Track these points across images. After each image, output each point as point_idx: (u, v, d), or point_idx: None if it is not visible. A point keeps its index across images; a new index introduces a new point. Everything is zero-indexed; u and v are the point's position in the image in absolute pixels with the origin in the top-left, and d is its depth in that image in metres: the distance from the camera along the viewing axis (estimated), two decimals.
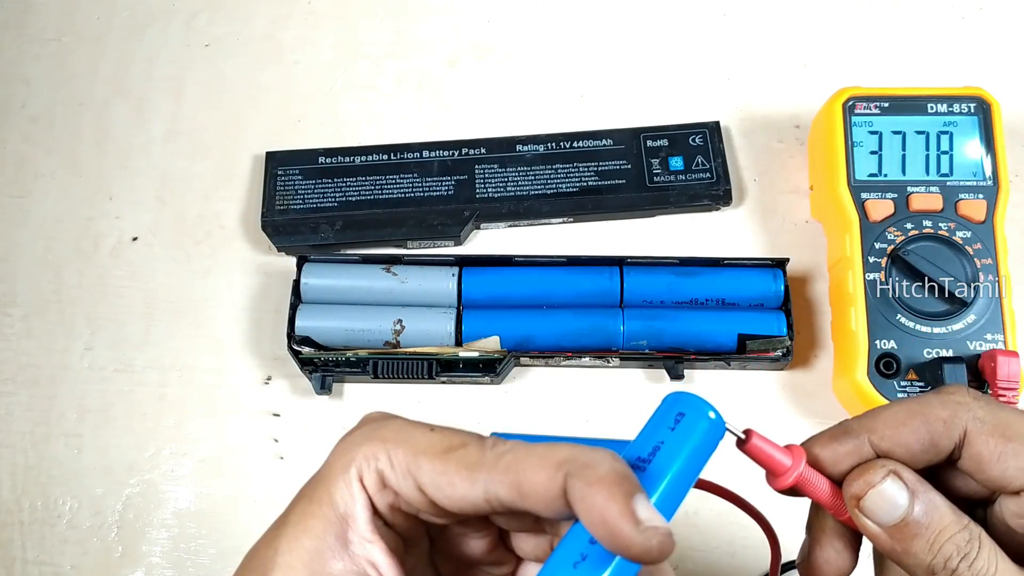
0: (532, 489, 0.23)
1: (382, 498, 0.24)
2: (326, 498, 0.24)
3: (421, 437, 0.24)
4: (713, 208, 0.50)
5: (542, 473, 0.22)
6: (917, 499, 0.25)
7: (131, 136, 0.53)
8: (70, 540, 0.45)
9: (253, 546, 0.25)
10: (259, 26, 0.56)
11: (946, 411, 0.26)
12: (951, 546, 0.24)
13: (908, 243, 0.44)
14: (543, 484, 0.22)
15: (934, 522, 0.25)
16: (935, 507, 0.25)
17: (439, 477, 0.24)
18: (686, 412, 0.25)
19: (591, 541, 0.22)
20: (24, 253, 0.51)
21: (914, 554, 0.25)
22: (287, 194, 0.50)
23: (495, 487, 0.23)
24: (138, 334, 0.49)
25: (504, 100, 0.54)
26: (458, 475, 0.23)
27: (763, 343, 0.45)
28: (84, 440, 0.47)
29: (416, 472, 0.24)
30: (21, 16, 0.57)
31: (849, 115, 0.46)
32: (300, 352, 0.45)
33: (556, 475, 0.22)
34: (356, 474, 0.24)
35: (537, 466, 0.23)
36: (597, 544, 0.22)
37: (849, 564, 0.28)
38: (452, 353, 0.45)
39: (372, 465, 0.24)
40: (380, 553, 0.24)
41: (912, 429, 0.26)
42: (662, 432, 0.24)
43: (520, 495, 0.23)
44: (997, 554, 0.25)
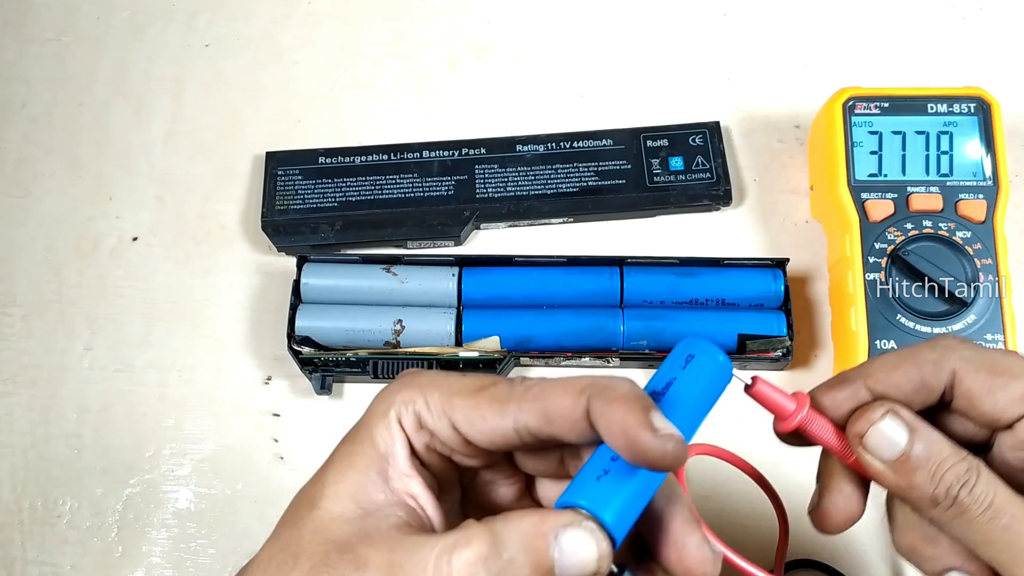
0: (558, 414, 0.25)
1: (419, 438, 0.26)
2: (367, 439, 0.26)
3: (454, 381, 0.27)
4: (713, 208, 0.50)
5: (567, 398, 0.25)
6: (916, 434, 0.26)
7: (131, 136, 0.53)
8: (70, 540, 0.45)
9: (300, 489, 0.27)
10: (259, 26, 0.56)
11: (934, 353, 0.27)
12: (951, 475, 0.26)
13: (908, 243, 0.44)
14: (568, 408, 0.25)
15: (934, 455, 0.26)
16: (933, 441, 0.27)
17: (472, 412, 0.26)
18: (696, 354, 0.26)
19: (613, 458, 0.25)
20: (24, 253, 0.51)
21: (917, 486, 0.26)
22: (287, 194, 0.50)
23: (524, 416, 0.25)
24: (138, 334, 0.49)
25: (504, 100, 0.54)
26: (489, 409, 0.25)
27: (763, 343, 0.45)
28: (84, 440, 0.47)
29: (450, 411, 0.26)
30: (21, 16, 0.57)
31: (849, 115, 0.46)
32: (300, 352, 0.45)
33: (579, 399, 0.24)
34: (395, 416, 0.26)
35: (562, 393, 0.25)
36: (619, 460, 0.24)
37: (858, 509, 0.29)
38: (452, 353, 0.45)
39: (410, 408, 0.26)
40: (418, 486, 0.26)
41: (904, 372, 0.28)
42: (675, 371, 0.26)
43: (547, 421, 0.25)
44: (996, 481, 0.26)
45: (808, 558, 0.43)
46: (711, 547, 0.25)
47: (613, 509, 0.24)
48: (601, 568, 0.24)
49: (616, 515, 0.24)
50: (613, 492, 0.24)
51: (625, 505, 0.24)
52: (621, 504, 0.24)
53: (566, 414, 0.25)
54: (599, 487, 0.24)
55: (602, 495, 0.24)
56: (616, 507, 0.24)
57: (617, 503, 0.24)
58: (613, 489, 0.24)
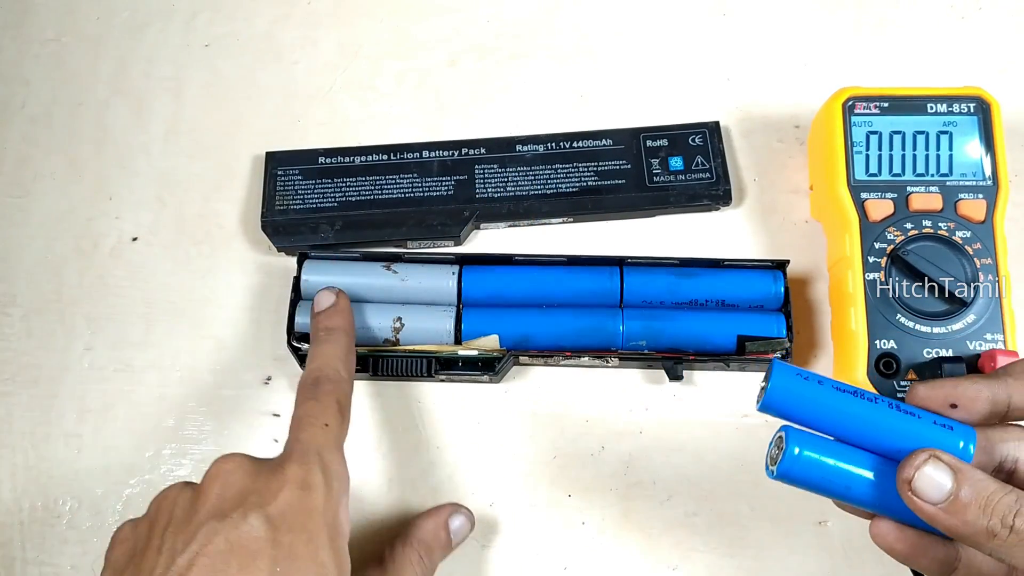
0: None
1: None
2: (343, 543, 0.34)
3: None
4: (713, 208, 0.50)
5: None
6: (961, 474, 0.28)
7: (131, 136, 0.53)
8: (70, 540, 0.45)
9: None
10: (259, 26, 0.56)
11: None
12: (1002, 506, 0.27)
13: (908, 243, 0.44)
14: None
15: (981, 491, 0.28)
16: (979, 479, 0.28)
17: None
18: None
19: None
20: (24, 253, 0.51)
21: (971, 522, 0.28)
22: (287, 194, 0.50)
23: None
24: (138, 334, 0.49)
25: (504, 100, 0.54)
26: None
27: (762, 345, 0.45)
28: (84, 440, 0.47)
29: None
30: (21, 16, 0.57)
31: (849, 115, 0.46)
32: (300, 349, 0.45)
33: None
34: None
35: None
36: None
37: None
38: (451, 351, 0.45)
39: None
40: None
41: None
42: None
43: None
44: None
45: None
46: None
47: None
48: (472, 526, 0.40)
49: None
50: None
51: None
52: None
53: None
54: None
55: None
56: None
57: None
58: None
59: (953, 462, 0.29)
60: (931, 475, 0.28)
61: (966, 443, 0.30)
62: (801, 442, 0.30)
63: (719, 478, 0.45)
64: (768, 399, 0.31)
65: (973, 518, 0.28)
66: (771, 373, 0.31)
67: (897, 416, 0.30)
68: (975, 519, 0.28)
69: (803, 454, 0.30)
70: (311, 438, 0.34)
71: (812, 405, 0.31)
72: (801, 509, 0.44)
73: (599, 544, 0.44)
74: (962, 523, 0.28)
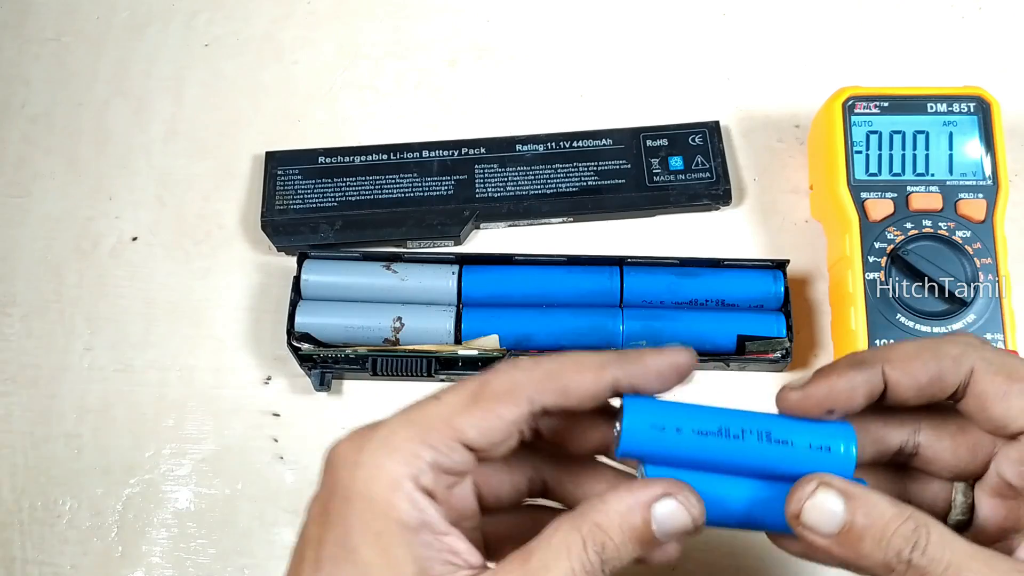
0: (577, 390, 0.26)
1: (440, 484, 0.25)
2: (394, 526, 0.24)
3: (440, 408, 0.25)
4: (713, 208, 0.50)
5: (587, 375, 0.26)
6: (854, 501, 0.25)
7: (131, 136, 0.53)
8: (70, 540, 0.45)
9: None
10: (259, 26, 0.56)
11: (956, 349, 0.27)
12: (899, 539, 0.24)
13: (908, 243, 0.44)
14: (589, 383, 0.26)
15: (875, 519, 0.25)
16: (873, 505, 0.25)
17: (483, 422, 0.25)
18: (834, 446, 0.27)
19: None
20: (24, 253, 0.51)
21: (867, 555, 0.25)
22: (287, 194, 0.50)
23: (540, 396, 0.26)
24: (138, 334, 0.49)
25: (504, 100, 0.54)
26: (500, 406, 0.25)
27: (762, 344, 0.45)
28: (84, 440, 0.47)
29: (461, 435, 0.25)
30: (21, 16, 0.57)
31: (849, 115, 0.46)
32: (299, 348, 0.45)
33: (602, 373, 0.26)
34: (412, 484, 0.24)
35: (580, 369, 0.26)
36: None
37: (852, 398, 0.27)
38: (451, 351, 0.45)
39: (421, 465, 0.25)
40: (458, 540, 0.25)
41: (923, 362, 0.27)
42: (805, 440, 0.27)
43: (565, 397, 0.26)
44: (951, 537, 0.25)
45: None
46: None
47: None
48: (698, 521, 0.25)
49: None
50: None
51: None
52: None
53: (588, 388, 0.26)
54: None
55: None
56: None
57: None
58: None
59: (845, 487, 0.25)
60: (821, 504, 0.25)
61: (847, 446, 0.26)
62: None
63: None
64: (624, 447, 0.27)
65: (869, 550, 0.25)
66: (623, 417, 0.27)
67: (768, 448, 0.26)
68: (871, 552, 0.24)
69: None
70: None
71: (674, 452, 0.27)
72: None
73: None
74: (857, 556, 0.25)
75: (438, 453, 0.25)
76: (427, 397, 0.26)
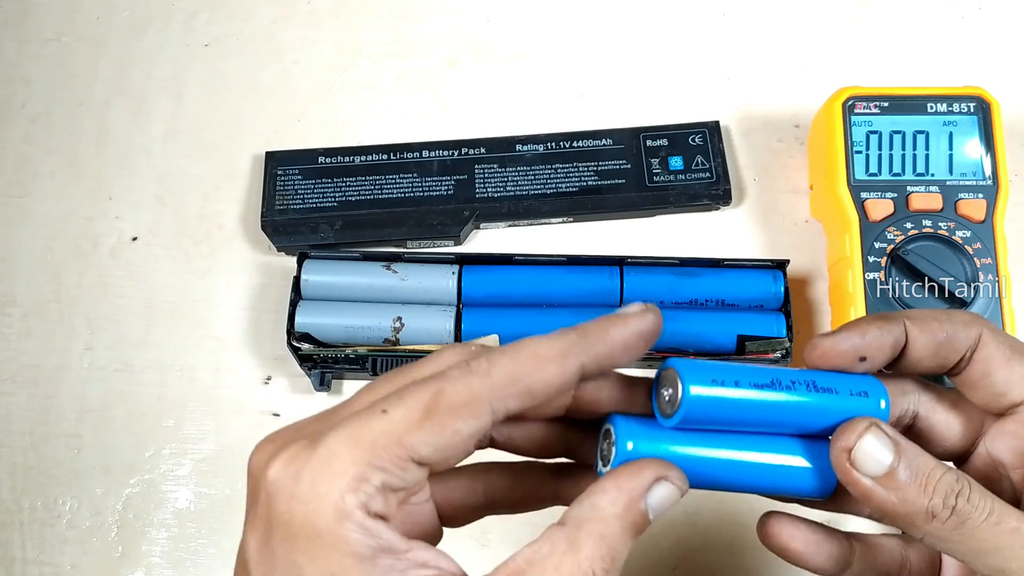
0: (543, 387, 0.24)
1: (392, 503, 0.23)
2: (348, 561, 0.22)
3: (387, 424, 0.23)
4: (713, 208, 0.50)
5: (551, 369, 0.24)
6: (900, 447, 0.26)
7: (131, 136, 0.53)
8: (70, 540, 0.45)
9: None
10: (259, 26, 0.56)
11: (967, 318, 0.28)
12: (943, 485, 0.25)
13: (908, 243, 0.44)
14: (554, 378, 0.24)
15: (921, 466, 0.25)
16: (919, 454, 0.26)
17: (440, 440, 0.23)
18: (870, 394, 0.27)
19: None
20: (24, 253, 0.51)
21: (911, 500, 0.25)
22: (287, 194, 0.50)
23: (503, 403, 0.23)
24: (138, 334, 0.49)
25: (504, 100, 0.54)
26: (457, 421, 0.23)
27: (762, 344, 0.45)
28: (84, 440, 0.47)
29: (414, 453, 0.22)
30: (21, 16, 0.57)
31: (849, 115, 0.46)
32: (299, 348, 0.45)
33: (565, 363, 0.24)
34: (362, 513, 0.22)
35: (541, 365, 0.24)
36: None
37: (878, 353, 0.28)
38: None
39: (370, 490, 0.22)
40: (422, 551, 0.23)
41: (939, 323, 0.28)
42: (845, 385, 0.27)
43: (531, 397, 0.24)
44: (987, 492, 0.25)
45: None
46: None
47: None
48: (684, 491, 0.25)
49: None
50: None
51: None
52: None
53: (553, 383, 0.24)
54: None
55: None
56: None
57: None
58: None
59: (893, 434, 0.26)
60: (870, 445, 0.25)
61: (886, 404, 0.27)
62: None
63: None
64: (686, 411, 0.26)
65: (913, 496, 0.25)
66: (681, 381, 0.26)
67: (817, 398, 0.27)
68: (915, 497, 0.25)
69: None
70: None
71: (733, 408, 0.26)
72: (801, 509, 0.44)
73: None
74: (900, 501, 0.25)
75: (387, 475, 0.22)
76: (368, 407, 0.23)
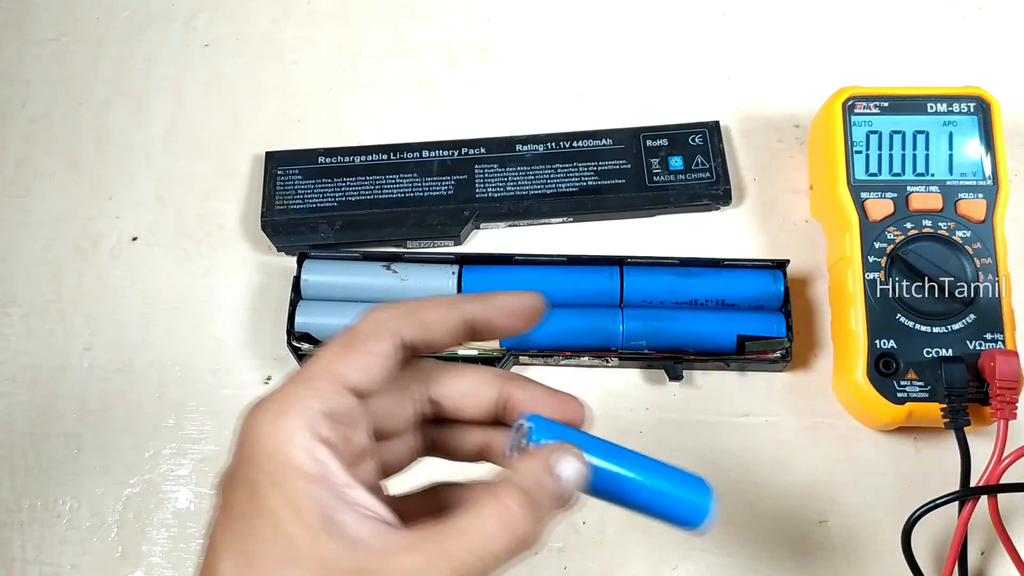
0: (438, 327, 0.28)
1: (337, 434, 0.25)
2: (295, 474, 0.24)
3: (319, 361, 0.26)
4: (713, 208, 0.50)
5: (441, 310, 0.28)
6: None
7: (131, 136, 0.53)
8: (70, 540, 0.45)
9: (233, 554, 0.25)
10: (259, 26, 0.56)
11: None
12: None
13: (908, 243, 0.44)
14: (443, 319, 0.28)
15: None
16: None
17: (360, 361, 0.26)
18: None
19: None
20: (24, 253, 0.51)
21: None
22: (287, 194, 0.50)
23: (400, 329, 0.27)
24: (138, 334, 0.49)
25: (504, 100, 0.54)
26: (369, 343, 0.27)
27: (762, 344, 0.45)
28: (84, 440, 0.47)
29: (344, 379, 0.26)
30: (21, 16, 0.57)
31: (849, 115, 0.46)
32: (299, 348, 0.45)
33: (454, 310, 0.28)
34: (308, 434, 0.25)
35: (436, 307, 0.28)
36: None
37: None
38: (451, 351, 0.45)
39: (314, 415, 0.25)
40: (363, 494, 0.25)
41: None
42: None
43: (423, 328, 0.27)
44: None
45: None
46: None
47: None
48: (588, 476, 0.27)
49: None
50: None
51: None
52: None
53: (443, 321, 0.28)
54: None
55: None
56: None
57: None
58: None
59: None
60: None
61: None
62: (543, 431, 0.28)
63: (719, 478, 0.45)
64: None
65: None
66: (529, 433, 0.27)
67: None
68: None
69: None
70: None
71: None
72: (801, 509, 0.44)
73: (599, 544, 0.44)
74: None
75: (328, 401, 0.25)
76: (310, 358, 0.28)
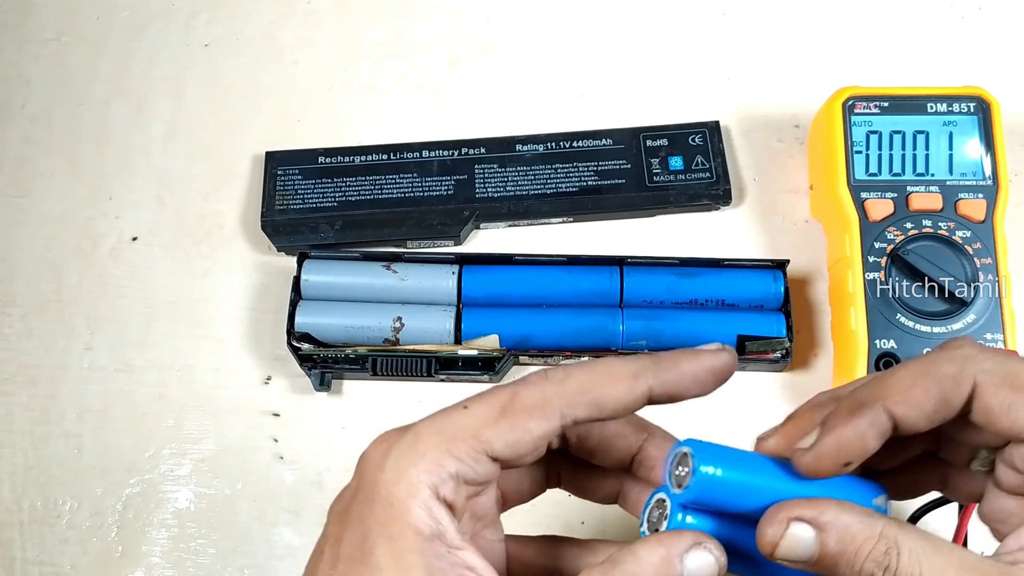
0: (611, 401, 0.26)
1: (460, 495, 0.25)
2: (409, 531, 0.24)
3: (467, 418, 0.25)
4: (713, 208, 0.50)
5: (620, 385, 0.26)
6: (824, 531, 0.25)
7: (131, 136, 0.53)
8: (70, 540, 0.45)
9: None
10: (259, 26, 0.56)
11: (954, 366, 0.26)
12: (871, 564, 0.24)
13: (908, 243, 0.44)
14: (622, 394, 0.26)
15: (848, 546, 0.25)
16: (844, 529, 0.25)
17: (510, 435, 0.25)
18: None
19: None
20: (24, 253, 0.51)
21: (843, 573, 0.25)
22: (287, 194, 0.50)
23: (572, 410, 0.25)
24: (138, 334, 0.49)
25: (504, 100, 0.54)
26: (529, 421, 0.25)
27: (762, 344, 0.45)
28: (84, 440, 0.47)
29: (488, 448, 0.25)
30: (21, 16, 0.57)
31: (849, 115, 0.46)
32: (299, 348, 0.45)
33: (636, 384, 0.26)
34: (431, 493, 0.24)
35: (612, 380, 0.26)
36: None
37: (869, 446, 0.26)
38: (451, 351, 0.45)
39: (443, 474, 0.24)
40: (472, 555, 0.25)
41: (923, 389, 0.25)
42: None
43: (599, 410, 0.25)
44: (921, 551, 0.24)
45: None
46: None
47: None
48: (723, 570, 0.25)
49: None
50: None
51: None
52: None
53: (621, 400, 0.26)
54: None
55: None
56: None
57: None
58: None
59: (815, 516, 0.25)
60: (794, 536, 0.25)
61: (878, 502, 0.27)
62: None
63: None
64: (694, 493, 0.26)
65: (843, 573, 0.25)
66: (692, 462, 0.26)
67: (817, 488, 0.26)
68: (845, 574, 0.25)
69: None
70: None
71: (738, 493, 0.26)
72: None
73: None
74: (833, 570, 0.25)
75: (462, 464, 0.25)
76: (455, 404, 0.26)
